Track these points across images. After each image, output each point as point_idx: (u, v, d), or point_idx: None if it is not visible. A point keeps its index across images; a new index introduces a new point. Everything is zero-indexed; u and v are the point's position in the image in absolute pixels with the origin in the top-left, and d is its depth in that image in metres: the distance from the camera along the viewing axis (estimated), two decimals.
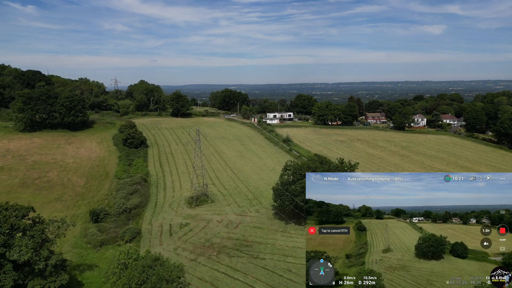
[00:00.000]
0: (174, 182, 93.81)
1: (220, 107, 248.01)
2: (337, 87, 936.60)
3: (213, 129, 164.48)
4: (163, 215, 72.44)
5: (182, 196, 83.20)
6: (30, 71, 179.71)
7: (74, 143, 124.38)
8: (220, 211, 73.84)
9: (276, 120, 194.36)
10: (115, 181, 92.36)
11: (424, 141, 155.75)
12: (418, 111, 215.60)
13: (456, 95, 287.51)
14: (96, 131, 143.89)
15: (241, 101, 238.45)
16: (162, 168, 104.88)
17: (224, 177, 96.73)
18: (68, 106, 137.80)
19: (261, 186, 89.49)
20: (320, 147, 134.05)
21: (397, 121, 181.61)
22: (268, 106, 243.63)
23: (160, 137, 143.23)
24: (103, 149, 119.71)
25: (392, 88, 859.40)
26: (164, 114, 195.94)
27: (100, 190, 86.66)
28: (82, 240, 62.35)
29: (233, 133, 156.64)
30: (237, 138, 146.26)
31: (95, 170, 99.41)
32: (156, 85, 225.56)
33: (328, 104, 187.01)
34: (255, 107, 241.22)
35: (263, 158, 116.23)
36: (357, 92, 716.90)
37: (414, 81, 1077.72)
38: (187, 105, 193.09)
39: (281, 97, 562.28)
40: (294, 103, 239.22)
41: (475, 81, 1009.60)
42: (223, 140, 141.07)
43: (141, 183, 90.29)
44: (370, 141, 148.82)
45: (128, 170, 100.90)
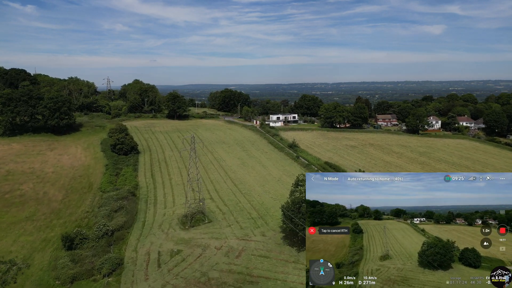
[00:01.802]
0: (167, 195, 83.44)
1: (219, 108, 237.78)
2: (337, 87, 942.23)
3: (212, 132, 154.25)
4: (152, 238, 62.07)
5: (175, 213, 72.81)
6: (13, 70, 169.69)
7: (57, 149, 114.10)
8: (219, 233, 63.45)
9: (279, 122, 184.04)
10: (98, 195, 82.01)
11: (442, 146, 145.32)
12: (431, 113, 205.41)
13: (470, 96, 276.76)
14: (84, 135, 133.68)
15: (242, 102, 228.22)
16: (154, 179, 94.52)
17: (223, 190, 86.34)
18: (52, 107, 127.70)
19: (267, 201, 79.10)
20: (330, 153, 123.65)
21: (411, 124, 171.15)
22: (271, 107, 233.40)
23: (153, 141, 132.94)
24: (89, 156, 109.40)
25: (392, 88, 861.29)
26: (159, 116, 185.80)
27: (80, 206, 76.28)
28: (50, 275, 51.96)
29: (233, 137, 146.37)
30: (238, 142, 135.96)
31: (76, 182, 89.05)
32: (151, 84, 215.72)
33: (336, 106, 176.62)
34: (256, 108, 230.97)
35: (268, 167, 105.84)
36: (357, 92, 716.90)
37: (414, 81, 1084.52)
38: (184, 107, 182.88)
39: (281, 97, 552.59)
40: (298, 104, 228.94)
41: (475, 81, 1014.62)
42: (223, 145, 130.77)
43: (129, 197, 79.94)
44: (384, 146, 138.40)
45: (114, 181, 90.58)
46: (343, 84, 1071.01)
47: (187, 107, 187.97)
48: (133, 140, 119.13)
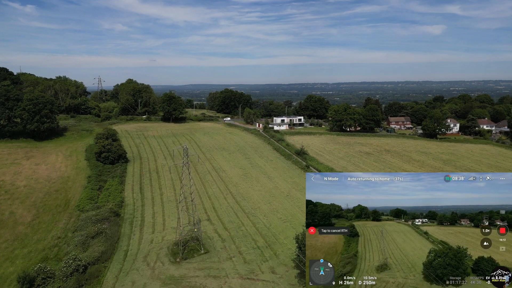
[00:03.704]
0: (156, 215, 72.06)
1: (219, 110, 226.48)
2: (337, 87, 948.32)
3: (211, 137, 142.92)
4: (134, 276, 50.69)
5: (165, 240, 61.45)
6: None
7: (34, 157, 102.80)
8: (218, 270, 52.08)
9: (284, 125, 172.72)
10: (75, 215, 70.69)
11: (465, 152, 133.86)
12: (447, 115, 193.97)
13: (486, 96, 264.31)
14: (67, 141, 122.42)
15: (243, 103, 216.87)
16: (143, 193, 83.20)
17: (223, 208, 74.94)
18: (31, 110, 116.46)
19: (275, 223, 67.73)
20: (344, 162, 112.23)
21: (428, 127, 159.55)
22: (274, 108, 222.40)
23: (145, 148, 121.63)
24: (70, 165, 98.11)
25: (393, 88, 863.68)
26: (154, 119, 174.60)
27: (51, 230, 64.95)
28: None
29: (234, 142, 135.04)
30: (239, 149, 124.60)
31: (51, 198, 77.73)
32: (145, 84, 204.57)
33: (347, 107, 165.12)
34: (258, 109, 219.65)
35: (274, 178, 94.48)
36: (357, 92, 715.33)
37: (415, 81, 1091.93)
38: (180, 108, 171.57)
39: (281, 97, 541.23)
40: (303, 105, 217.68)
41: (476, 81, 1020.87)
42: (223, 152, 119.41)
43: (110, 218, 68.70)
44: (402, 153, 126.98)
45: (96, 197, 79.25)
46: (343, 84, 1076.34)
47: (183, 108, 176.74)
48: (122, 147, 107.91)
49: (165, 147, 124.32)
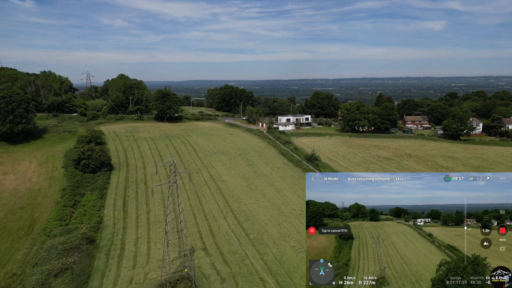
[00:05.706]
0: (140, 241, 59.67)
1: (218, 108, 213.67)
2: (337, 83, 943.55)
3: (209, 139, 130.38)
4: None
5: (148, 278, 49.06)
6: None
7: (3, 164, 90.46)
8: None
9: (290, 125, 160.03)
10: (39, 242, 58.36)
11: (495, 156, 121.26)
12: (469, 113, 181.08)
13: (505, 93, 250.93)
14: (45, 144, 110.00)
15: (245, 101, 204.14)
16: (126, 211, 70.80)
17: (223, 233, 62.47)
18: (3, 109, 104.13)
19: (287, 254, 55.29)
20: (361, 169, 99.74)
21: (451, 128, 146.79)
22: (278, 106, 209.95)
23: (134, 152, 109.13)
24: (44, 174, 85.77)
25: (393, 84, 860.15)
26: (146, 118, 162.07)
27: (6, 264, 52.58)
28: None
29: (235, 145, 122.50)
30: (241, 153, 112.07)
31: (14, 218, 65.37)
32: (138, 80, 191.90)
33: (360, 106, 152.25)
34: (261, 107, 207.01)
35: (283, 191, 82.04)
36: (358, 88, 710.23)
37: (416, 77, 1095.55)
38: (175, 106, 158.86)
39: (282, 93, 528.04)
40: (310, 102, 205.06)
41: (477, 77, 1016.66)
42: (222, 158, 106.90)
43: (82, 246, 56.43)
44: (426, 158, 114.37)
45: (69, 217, 66.89)
46: (344, 80, 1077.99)
47: (179, 107, 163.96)
48: (106, 153, 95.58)
49: (157, 151, 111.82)
